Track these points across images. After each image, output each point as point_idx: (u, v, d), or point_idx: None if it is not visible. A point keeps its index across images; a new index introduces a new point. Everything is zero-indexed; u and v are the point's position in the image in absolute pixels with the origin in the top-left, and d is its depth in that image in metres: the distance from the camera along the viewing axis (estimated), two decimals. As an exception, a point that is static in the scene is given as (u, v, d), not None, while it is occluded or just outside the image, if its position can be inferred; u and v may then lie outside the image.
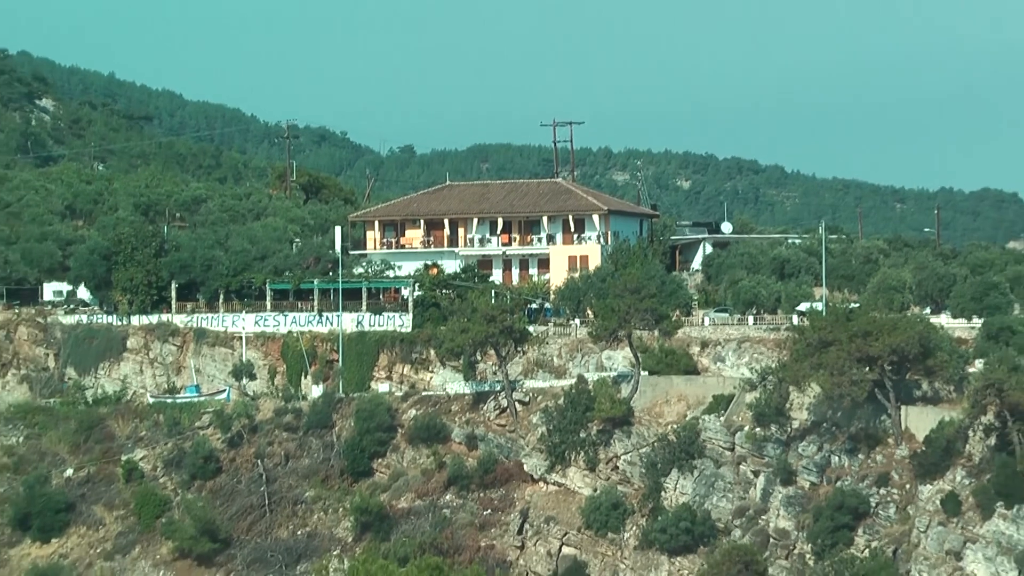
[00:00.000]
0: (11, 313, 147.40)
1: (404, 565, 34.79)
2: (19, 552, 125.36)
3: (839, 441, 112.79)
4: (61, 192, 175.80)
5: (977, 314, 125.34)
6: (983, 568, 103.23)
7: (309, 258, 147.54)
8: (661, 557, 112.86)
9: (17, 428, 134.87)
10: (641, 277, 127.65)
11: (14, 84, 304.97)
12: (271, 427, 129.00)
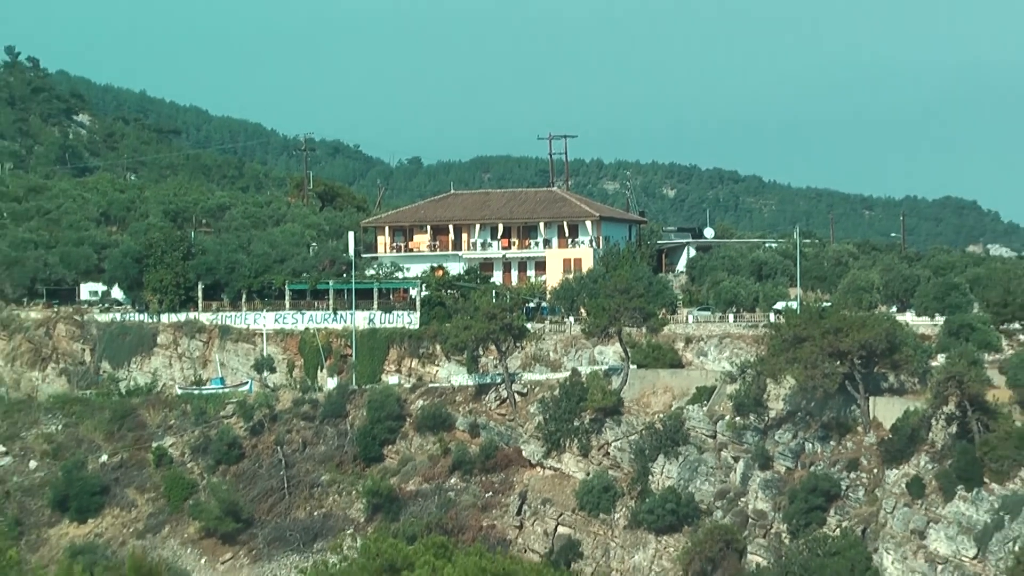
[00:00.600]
0: (50, 311, 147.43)
1: (412, 543, 34.76)
2: (58, 531, 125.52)
3: (812, 429, 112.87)
4: (96, 200, 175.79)
5: (939, 312, 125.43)
6: (945, 546, 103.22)
7: (324, 261, 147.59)
8: (648, 536, 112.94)
9: (56, 417, 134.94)
10: (630, 278, 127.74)
11: (53, 101, 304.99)
12: (290, 416, 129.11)
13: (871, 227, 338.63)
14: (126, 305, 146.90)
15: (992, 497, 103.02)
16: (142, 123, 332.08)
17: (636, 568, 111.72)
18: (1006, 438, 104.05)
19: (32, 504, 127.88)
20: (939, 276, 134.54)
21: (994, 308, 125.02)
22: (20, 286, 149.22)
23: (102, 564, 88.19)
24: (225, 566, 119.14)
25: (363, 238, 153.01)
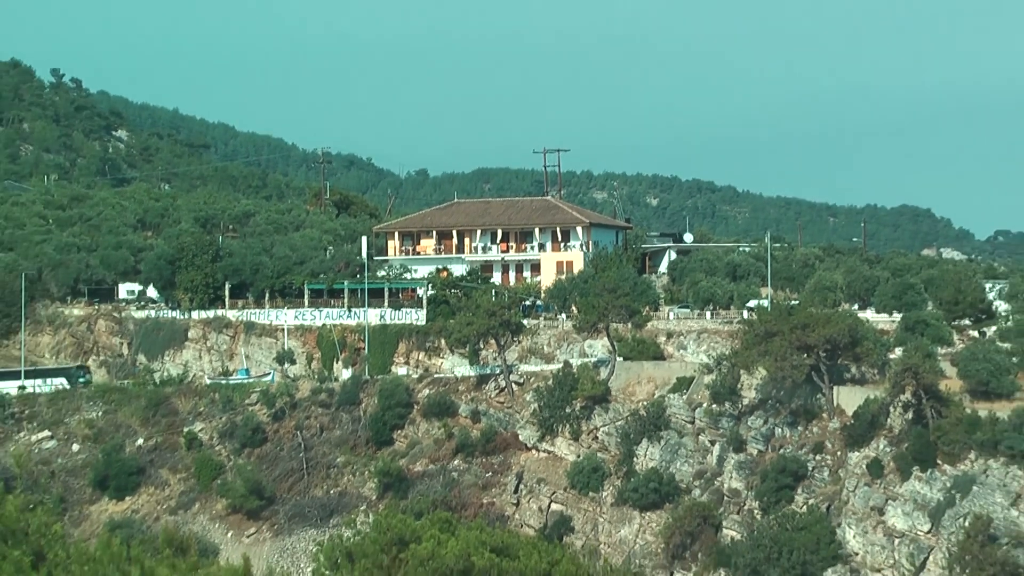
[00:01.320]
0: (92, 309, 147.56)
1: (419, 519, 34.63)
2: (98, 508, 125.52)
3: (782, 415, 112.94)
4: (133, 208, 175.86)
5: (897, 310, 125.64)
6: (901, 521, 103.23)
7: (340, 263, 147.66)
8: (633, 512, 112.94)
9: (97, 405, 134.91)
10: (617, 279, 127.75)
11: (94, 118, 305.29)
12: (308, 404, 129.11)
13: (835, 233, 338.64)
14: (160, 303, 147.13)
15: (944, 477, 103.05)
16: (175, 138, 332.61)
17: (622, 541, 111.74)
18: (957, 424, 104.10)
19: (75, 483, 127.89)
20: (896, 277, 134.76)
21: (946, 306, 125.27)
22: (64, 286, 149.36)
23: (138, 538, 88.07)
24: (250, 540, 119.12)
25: (375, 242, 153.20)
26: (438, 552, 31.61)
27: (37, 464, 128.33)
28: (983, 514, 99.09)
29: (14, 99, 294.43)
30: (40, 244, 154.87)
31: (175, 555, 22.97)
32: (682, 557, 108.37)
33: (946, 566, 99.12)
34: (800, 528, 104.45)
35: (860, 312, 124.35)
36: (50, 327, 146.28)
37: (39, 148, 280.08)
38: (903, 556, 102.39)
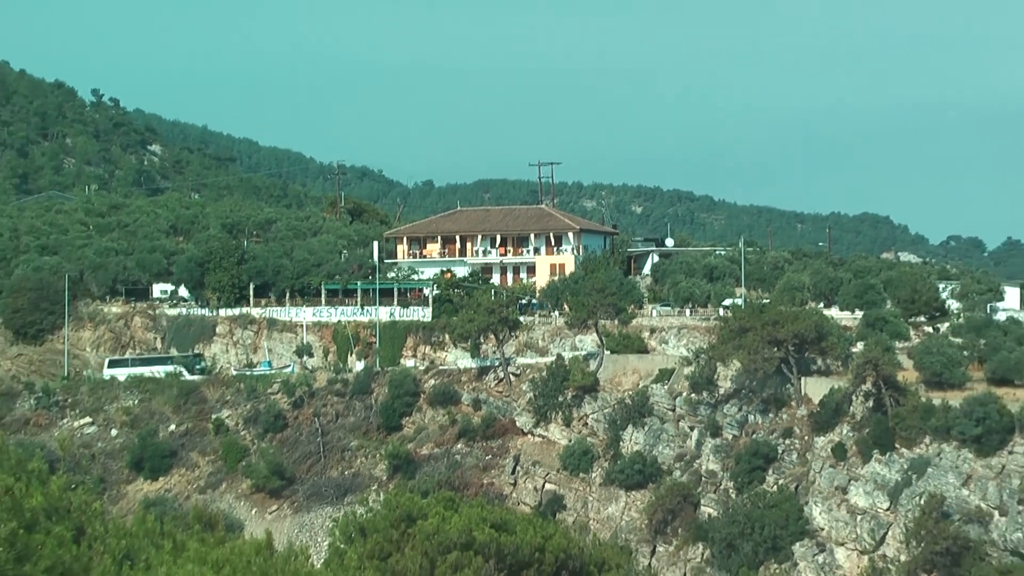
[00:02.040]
0: (128, 307, 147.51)
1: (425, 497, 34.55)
2: (134, 488, 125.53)
3: (754, 404, 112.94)
4: (166, 215, 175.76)
5: (858, 307, 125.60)
6: (863, 499, 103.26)
7: (354, 265, 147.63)
8: (620, 491, 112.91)
9: (133, 394, 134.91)
10: (604, 280, 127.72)
11: (131, 133, 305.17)
12: (325, 393, 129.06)
13: (802, 238, 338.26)
14: (190, 301, 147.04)
15: (902, 459, 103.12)
16: (204, 152, 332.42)
17: (609, 518, 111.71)
18: (913, 411, 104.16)
19: (113, 465, 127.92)
20: (858, 278, 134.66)
21: (903, 304, 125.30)
22: (104, 286, 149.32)
23: (170, 515, 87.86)
24: (272, 516, 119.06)
25: (385, 247, 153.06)
26: (443, 527, 31.52)
27: (79, 447, 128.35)
28: (937, 493, 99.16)
29: (58, 117, 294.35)
30: (82, 248, 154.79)
31: (204, 530, 22.91)
32: (664, 532, 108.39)
33: (903, 540, 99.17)
34: (771, 506, 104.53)
35: (825, 310, 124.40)
36: (91, 323, 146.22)
37: (81, 161, 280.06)
38: (864, 531, 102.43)
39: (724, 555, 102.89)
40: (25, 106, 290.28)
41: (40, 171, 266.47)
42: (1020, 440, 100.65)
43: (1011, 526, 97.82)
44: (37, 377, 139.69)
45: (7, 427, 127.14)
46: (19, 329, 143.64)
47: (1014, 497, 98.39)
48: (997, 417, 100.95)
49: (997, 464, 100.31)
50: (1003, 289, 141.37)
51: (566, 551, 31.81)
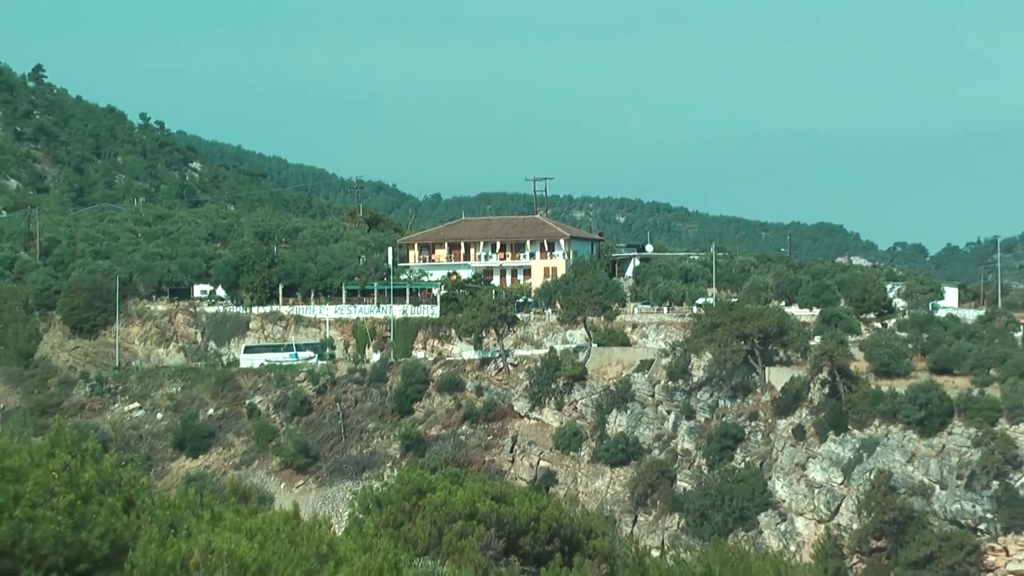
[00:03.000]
0: (172, 305, 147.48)
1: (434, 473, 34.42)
2: (177, 465, 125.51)
3: (724, 390, 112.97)
4: (205, 224, 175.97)
5: (816, 305, 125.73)
6: (820, 475, 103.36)
7: (371, 268, 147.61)
8: (605, 468, 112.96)
9: (176, 381, 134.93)
10: (592, 281, 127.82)
11: (174, 152, 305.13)
12: (345, 381, 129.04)
13: (766, 244, 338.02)
14: (227, 300, 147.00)
15: (854, 439, 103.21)
16: (238, 168, 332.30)
17: (596, 491, 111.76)
18: (864, 397, 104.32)
19: (159, 444, 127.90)
20: (815, 280, 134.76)
21: (855, 303, 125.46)
22: (150, 286, 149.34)
23: (209, 488, 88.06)
24: (298, 490, 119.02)
25: (398, 252, 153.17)
26: (449, 500, 31.50)
27: (128, 429, 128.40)
28: (885, 469, 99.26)
29: (110, 138, 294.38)
30: (131, 253, 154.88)
31: (239, 502, 22.91)
32: (644, 504, 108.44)
33: (855, 511, 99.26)
34: (739, 480, 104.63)
35: (787, 308, 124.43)
36: (139, 320, 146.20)
37: (130, 177, 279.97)
38: (821, 503, 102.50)
39: (697, 524, 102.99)
40: (81, 128, 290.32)
41: (94, 186, 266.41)
42: (958, 423, 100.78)
43: (950, 499, 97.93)
44: (91, 367, 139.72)
45: (65, 411, 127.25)
46: (75, 325, 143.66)
47: (953, 473, 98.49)
48: (938, 402, 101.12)
49: (938, 444, 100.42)
50: (943, 289, 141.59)
51: (558, 521, 31.80)
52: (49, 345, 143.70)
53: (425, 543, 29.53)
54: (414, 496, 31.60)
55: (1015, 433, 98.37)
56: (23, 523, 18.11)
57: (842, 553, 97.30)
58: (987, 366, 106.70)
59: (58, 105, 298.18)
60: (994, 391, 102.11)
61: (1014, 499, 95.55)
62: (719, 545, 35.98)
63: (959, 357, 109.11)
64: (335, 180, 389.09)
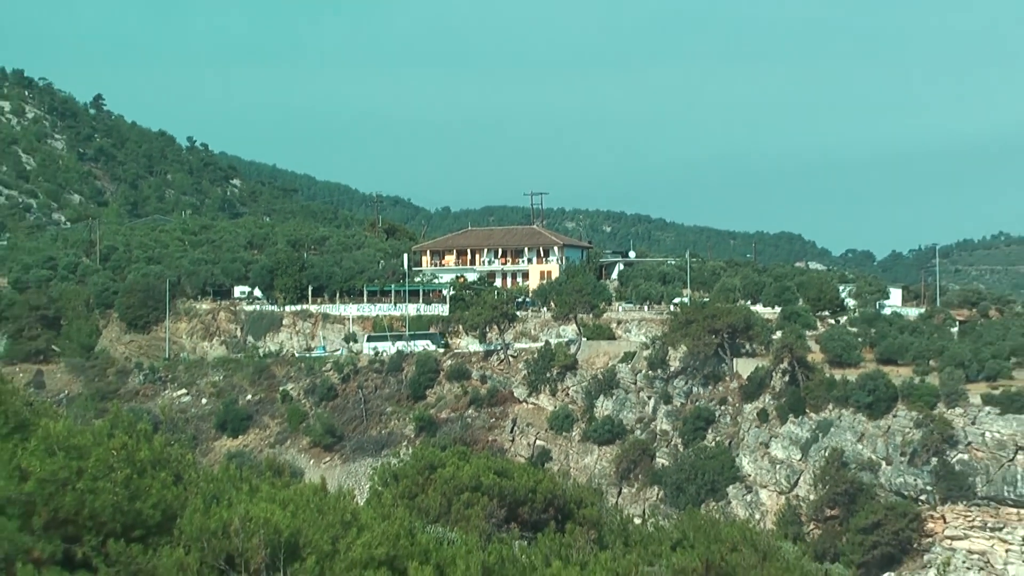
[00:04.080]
0: (215, 304, 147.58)
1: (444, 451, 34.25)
2: (219, 444, 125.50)
3: (697, 378, 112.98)
4: (244, 233, 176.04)
5: (778, 304, 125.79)
6: (781, 452, 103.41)
7: (388, 272, 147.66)
8: (593, 446, 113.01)
9: (219, 371, 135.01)
10: (582, 283, 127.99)
11: (217, 170, 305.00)
12: (366, 370, 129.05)
13: (734, 251, 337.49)
14: (263, 300, 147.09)
15: (810, 421, 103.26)
16: (273, 184, 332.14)
17: (586, 467, 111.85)
18: (819, 384, 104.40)
19: (203, 426, 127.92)
20: (777, 282, 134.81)
21: (812, 302, 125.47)
22: (196, 288, 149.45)
23: (247, 464, 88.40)
24: (325, 466, 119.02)
25: (413, 258, 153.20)
26: (457, 474, 31.48)
27: (177, 412, 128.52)
28: (838, 447, 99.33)
29: (161, 158, 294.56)
30: (179, 259, 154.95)
31: (273, 476, 22.92)
32: (628, 478, 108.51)
33: (812, 483, 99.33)
34: (710, 457, 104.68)
35: (752, 306, 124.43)
36: (186, 317, 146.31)
37: (179, 192, 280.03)
38: (782, 476, 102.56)
39: (674, 495, 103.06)
40: (135, 150, 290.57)
41: (147, 200, 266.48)
42: (902, 407, 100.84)
43: (895, 473, 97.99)
44: (145, 358, 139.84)
45: (122, 397, 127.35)
46: (131, 321, 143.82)
47: (897, 451, 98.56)
48: (884, 389, 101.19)
49: (884, 425, 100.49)
50: (888, 290, 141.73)
51: (552, 492, 31.76)
52: (108, 339, 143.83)
53: (436, 512, 29.51)
54: (426, 471, 31.57)
55: (951, 416, 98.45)
56: (85, 494, 18.15)
57: (800, 521, 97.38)
58: (927, 357, 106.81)
59: (115, 129, 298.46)
60: (933, 379, 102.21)
61: (950, 474, 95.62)
62: (693, 514, 35.94)
63: (902, 349, 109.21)
64: (357, 195, 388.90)
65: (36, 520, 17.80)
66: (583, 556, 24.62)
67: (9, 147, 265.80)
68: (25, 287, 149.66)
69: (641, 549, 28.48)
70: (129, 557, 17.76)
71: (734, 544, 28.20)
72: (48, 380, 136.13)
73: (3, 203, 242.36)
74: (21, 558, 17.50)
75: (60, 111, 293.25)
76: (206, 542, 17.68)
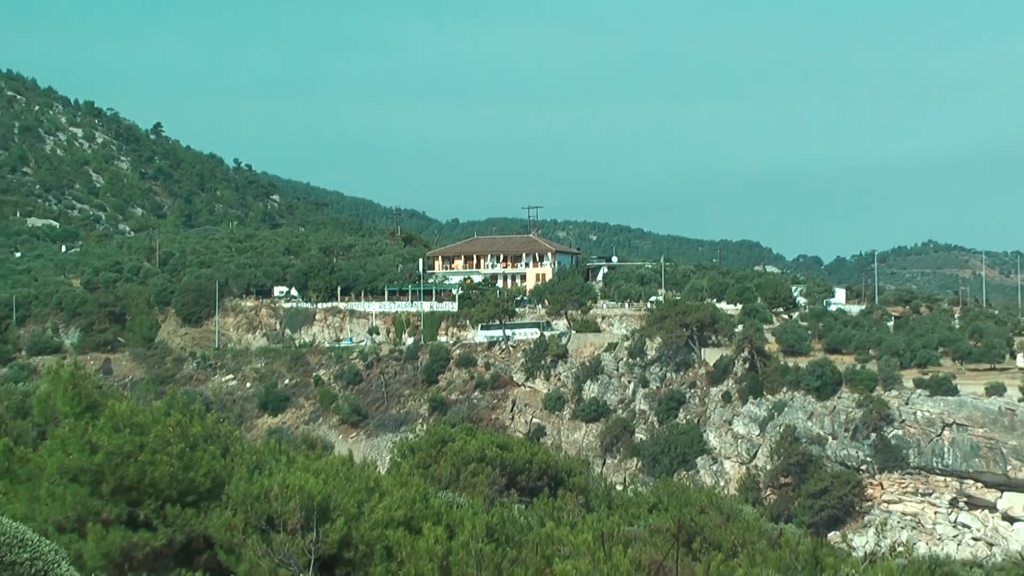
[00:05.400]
0: (257, 302, 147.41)
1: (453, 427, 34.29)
2: (261, 421, 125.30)
3: (670, 365, 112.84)
4: (282, 241, 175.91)
5: (739, 302, 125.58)
6: (743, 429, 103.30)
7: (406, 274, 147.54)
8: (582, 423, 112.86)
9: (261, 359, 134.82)
10: (571, 284, 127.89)
11: (259, 187, 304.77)
12: (387, 358, 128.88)
13: (702, 256, 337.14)
14: (298, 298, 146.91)
15: (767, 402, 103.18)
16: (307, 199, 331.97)
17: (575, 441, 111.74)
18: (775, 370, 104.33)
19: (247, 406, 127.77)
20: (739, 283, 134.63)
21: (768, 300, 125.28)
22: (241, 288, 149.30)
23: (285, 439, 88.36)
24: (352, 440, 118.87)
25: (427, 262, 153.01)
26: (464, 447, 31.44)
27: (224, 394, 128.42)
28: (791, 424, 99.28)
29: (211, 177, 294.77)
30: (227, 263, 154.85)
31: (307, 449, 22.91)
32: (611, 450, 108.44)
33: (768, 455, 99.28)
34: (681, 433, 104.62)
35: (717, 304, 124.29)
36: (232, 313, 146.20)
37: (226, 206, 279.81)
38: (743, 449, 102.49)
39: (650, 465, 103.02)
40: (189, 170, 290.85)
41: (199, 213, 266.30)
42: (846, 390, 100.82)
43: (839, 446, 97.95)
44: (197, 348, 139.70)
45: (177, 381, 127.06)
46: (185, 316, 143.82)
47: (841, 427, 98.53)
48: (830, 374, 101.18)
49: (830, 405, 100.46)
50: (834, 290, 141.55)
51: (546, 463, 31.73)
52: (165, 332, 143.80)
53: (447, 480, 29.47)
54: (438, 445, 31.54)
55: (888, 397, 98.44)
56: (146, 465, 18.14)
57: (759, 487, 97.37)
58: (867, 347, 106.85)
59: (172, 152, 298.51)
60: (872, 366, 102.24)
61: (887, 447, 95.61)
62: (666, 482, 35.92)
63: (846, 340, 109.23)
64: (379, 208, 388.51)
65: (104, 487, 17.81)
66: (573, 517, 24.62)
67: (82, 168, 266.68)
68: (95, 287, 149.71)
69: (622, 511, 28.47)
70: (184, 519, 17.77)
71: (702, 507, 28.19)
72: (115, 367, 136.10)
73: (77, 215, 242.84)
74: (92, 519, 17.52)
75: (125, 137, 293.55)
76: (250, 506, 17.68)
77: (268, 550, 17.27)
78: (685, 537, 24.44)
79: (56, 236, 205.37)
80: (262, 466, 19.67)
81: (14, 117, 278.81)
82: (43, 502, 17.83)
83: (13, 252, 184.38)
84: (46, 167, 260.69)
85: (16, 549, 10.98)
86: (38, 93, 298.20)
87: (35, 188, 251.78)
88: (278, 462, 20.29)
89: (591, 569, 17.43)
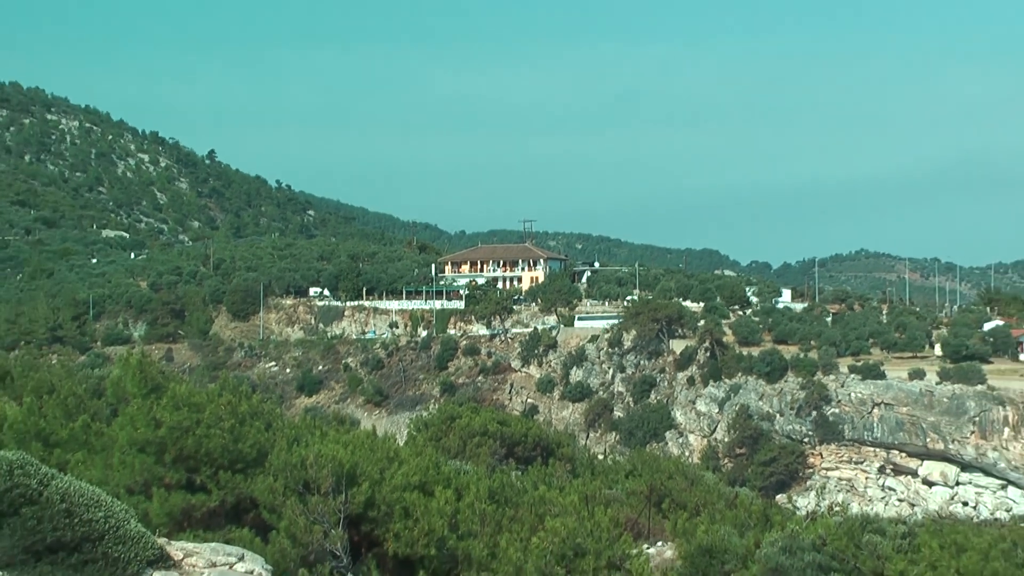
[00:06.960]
0: (295, 301, 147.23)
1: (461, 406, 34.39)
2: (299, 402, 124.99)
3: (644, 354, 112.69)
4: (317, 250, 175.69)
5: (701, 300, 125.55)
6: (705, 407, 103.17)
7: (421, 277, 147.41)
8: (570, 403, 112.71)
9: (298, 349, 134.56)
10: (560, 285, 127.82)
11: (297, 204, 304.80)
12: (405, 348, 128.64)
13: (670, 262, 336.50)
14: (330, 297, 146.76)
15: (725, 385, 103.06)
16: (337, 214, 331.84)
17: (563, 418, 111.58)
18: (732, 358, 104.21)
19: (287, 389, 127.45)
20: (701, 284, 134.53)
21: (726, 299, 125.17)
22: (282, 289, 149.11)
23: (320, 416, 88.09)
24: (375, 417, 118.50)
25: (439, 267, 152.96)
26: (470, 423, 31.42)
27: (268, 378, 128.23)
28: (745, 404, 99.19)
29: (257, 195, 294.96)
30: (270, 268, 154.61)
31: (338, 424, 22.91)
32: (593, 426, 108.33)
33: (726, 430, 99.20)
34: (653, 411, 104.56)
35: (683, 302, 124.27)
36: (274, 310, 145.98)
37: (269, 219, 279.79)
38: (705, 425, 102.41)
39: (627, 439, 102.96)
40: (238, 189, 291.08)
41: (247, 225, 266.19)
42: (791, 374, 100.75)
43: (786, 423, 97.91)
44: (245, 340, 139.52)
45: (228, 368, 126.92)
46: (235, 312, 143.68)
47: (787, 406, 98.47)
48: (778, 361, 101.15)
49: (778, 387, 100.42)
50: (781, 291, 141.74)
51: (539, 437, 31.71)
52: (218, 326, 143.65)
53: (455, 450, 29.47)
54: (448, 421, 31.53)
55: (826, 381, 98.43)
56: (202, 438, 18.17)
57: (718, 457, 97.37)
58: (809, 339, 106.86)
59: (224, 174, 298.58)
60: (814, 354, 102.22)
61: (826, 423, 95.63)
62: (640, 452, 35.90)
63: (791, 333, 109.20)
64: (399, 222, 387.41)
65: (167, 456, 17.84)
66: (561, 482, 24.63)
67: (147, 187, 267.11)
68: (159, 288, 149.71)
69: (603, 477, 28.47)
70: (233, 483, 17.80)
71: (670, 473, 28.19)
72: (176, 356, 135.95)
73: (143, 228, 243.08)
74: (156, 483, 17.55)
75: (184, 161, 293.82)
76: (289, 472, 17.71)
77: (304, 510, 17.31)
78: (656, 499, 24.50)
79: (126, 245, 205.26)
80: (299, 439, 19.69)
81: (91, 145, 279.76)
82: (115, 469, 17.87)
83: (90, 259, 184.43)
84: (118, 187, 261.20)
85: (93, 508, 11.13)
86: (111, 124, 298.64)
87: (109, 204, 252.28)
88: (313, 436, 20.30)
89: (577, 526, 17.48)
